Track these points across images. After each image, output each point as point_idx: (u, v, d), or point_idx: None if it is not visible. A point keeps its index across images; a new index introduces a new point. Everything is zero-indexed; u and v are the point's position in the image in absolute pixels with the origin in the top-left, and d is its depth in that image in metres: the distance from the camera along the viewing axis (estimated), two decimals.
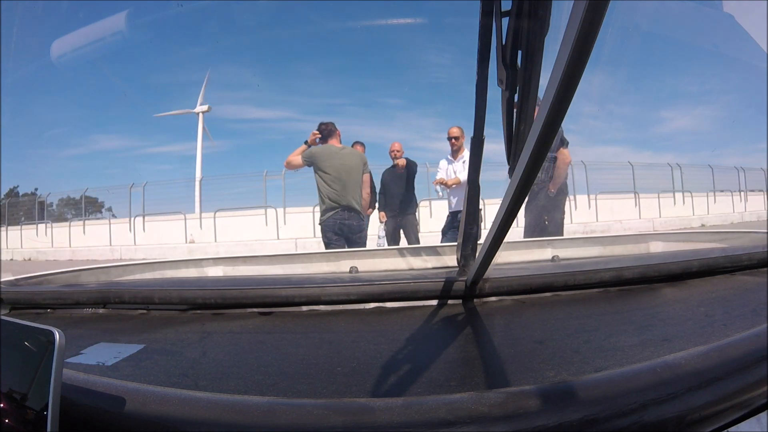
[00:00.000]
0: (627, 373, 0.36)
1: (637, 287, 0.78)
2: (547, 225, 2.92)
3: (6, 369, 0.34)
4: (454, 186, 3.54)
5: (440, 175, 3.72)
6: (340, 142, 3.08)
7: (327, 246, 2.96)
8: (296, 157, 3.02)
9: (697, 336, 0.55)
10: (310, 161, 2.99)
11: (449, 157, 3.69)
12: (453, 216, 3.57)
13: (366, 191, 3.21)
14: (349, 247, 2.91)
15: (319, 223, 3.04)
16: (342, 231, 2.95)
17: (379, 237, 4.00)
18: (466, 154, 3.58)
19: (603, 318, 0.65)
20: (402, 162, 3.73)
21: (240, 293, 0.78)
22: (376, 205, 3.92)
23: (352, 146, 3.56)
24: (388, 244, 3.91)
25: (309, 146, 3.02)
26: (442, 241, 3.53)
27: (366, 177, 3.21)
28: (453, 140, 3.58)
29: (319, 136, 3.04)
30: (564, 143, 2.97)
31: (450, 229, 3.53)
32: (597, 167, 12.27)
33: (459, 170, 3.53)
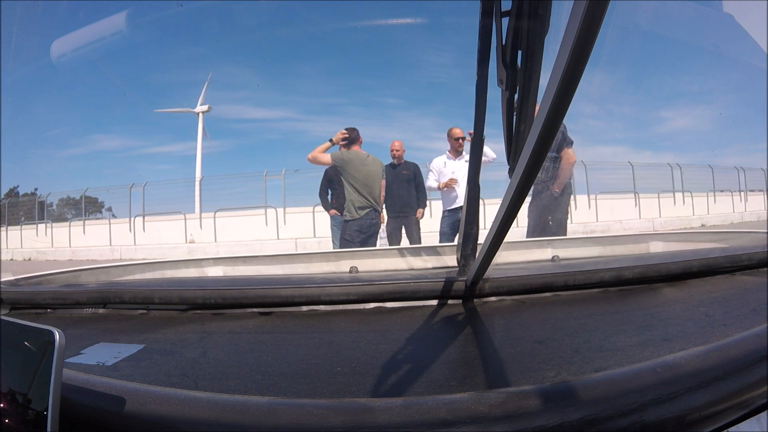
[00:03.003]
0: (627, 373, 0.36)
1: (637, 287, 0.78)
2: (550, 225, 2.91)
3: (6, 369, 0.34)
4: (454, 185, 3.57)
5: (433, 174, 3.76)
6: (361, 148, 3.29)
7: (347, 243, 3.16)
8: (324, 155, 3.20)
9: (697, 336, 0.55)
10: (340, 164, 3.19)
11: (449, 155, 3.69)
12: (449, 213, 3.59)
13: (382, 195, 3.51)
14: (366, 245, 3.11)
15: (346, 221, 3.24)
16: (367, 231, 3.22)
17: (380, 237, 4.03)
18: (465, 153, 3.60)
19: (603, 318, 0.65)
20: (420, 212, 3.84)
21: (240, 293, 0.78)
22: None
23: None
24: (390, 245, 3.92)
25: (333, 144, 3.19)
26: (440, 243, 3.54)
27: (383, 182, 3.50)
28: (460, 140, 3.61)
29: (347, 136, 3.22)
30: (568, 143, 2.96)
31: (448, 228, 3.55)
32: (597, 167, 12.27)
33: (462, 169, 3.54)
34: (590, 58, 0.31)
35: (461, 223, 0.74)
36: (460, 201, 3.53)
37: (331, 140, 3.20)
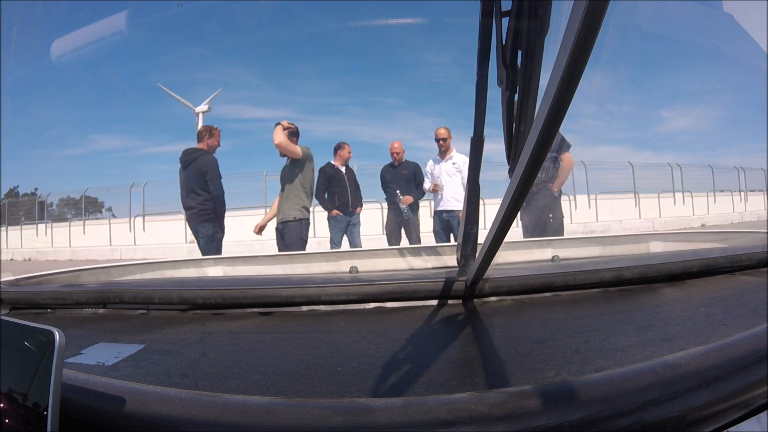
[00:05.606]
0: (627, 373, 0.36)
1: (637, 287, 0.78)
2: (547, 224, 2.94)
3: (6, 369, 0.34)
4: (441, 189, 3.60)
5: (427, 178, 3.80)
6: None
7: (303, 243, 3.05)
8: (295, 146, 2.96)
9: (697, 336, 0.55)
10: (306, 161, 3.01)
11: (437, 157, 3.72)
12: (437, 214, 3.62)
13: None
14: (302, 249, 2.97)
15: (297, 220, 3.09)
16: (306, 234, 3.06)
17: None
18: (454, 154, 3.62)
19: (603, 318, 0.65)
20: (408, 199, 3.83)
21: (240, 293, 0.78)
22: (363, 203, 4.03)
23: (341, 146, 3.77)
24: (389, 244, 3.92)
25: (283, 130, 2.97)
26: (435, 242, 3.56)
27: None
28: (441, 141, 3.62)
29: (294, 128, 3.02)
30: (566, 147, 3.00)
31: (440, 228, 3.58)
32: (597, 167, 12.30)
33: (448, 170, 3.58)
34: (590, 58, 0.31)
35: (461, 223, 0.74)
36: (445, 203, 3.57)
37: (281, 124, 2.97)
